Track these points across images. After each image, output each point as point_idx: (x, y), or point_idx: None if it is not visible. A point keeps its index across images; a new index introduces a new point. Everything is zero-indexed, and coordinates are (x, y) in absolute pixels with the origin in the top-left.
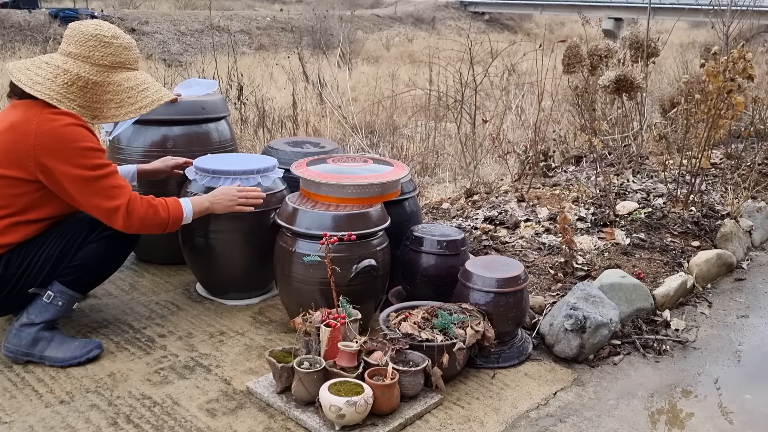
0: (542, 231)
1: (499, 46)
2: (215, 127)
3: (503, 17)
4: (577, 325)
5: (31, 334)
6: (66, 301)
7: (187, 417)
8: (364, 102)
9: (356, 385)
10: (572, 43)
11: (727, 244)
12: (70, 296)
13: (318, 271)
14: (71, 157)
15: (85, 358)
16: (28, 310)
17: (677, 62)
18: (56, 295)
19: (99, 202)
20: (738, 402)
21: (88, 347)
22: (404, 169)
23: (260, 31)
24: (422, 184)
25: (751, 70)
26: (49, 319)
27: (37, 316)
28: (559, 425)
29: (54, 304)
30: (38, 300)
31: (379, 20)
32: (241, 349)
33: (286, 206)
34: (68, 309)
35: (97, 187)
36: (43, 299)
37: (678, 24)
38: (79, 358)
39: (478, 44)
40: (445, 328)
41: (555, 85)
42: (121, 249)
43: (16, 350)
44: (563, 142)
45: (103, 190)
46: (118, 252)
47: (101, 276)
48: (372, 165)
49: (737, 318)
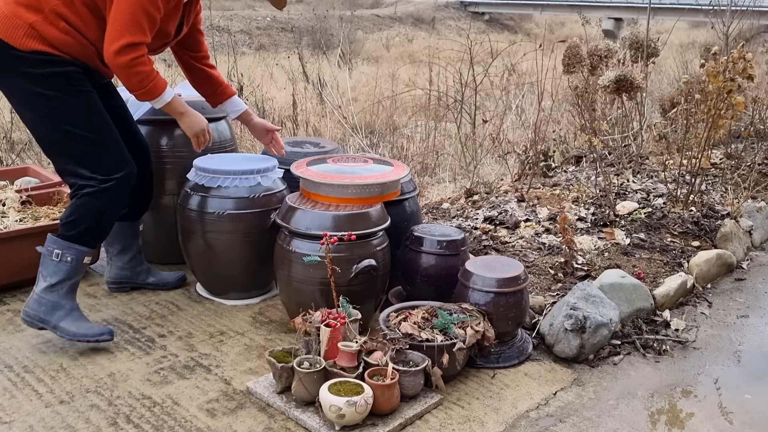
0: (542, 231)
1: (499, 46)
2: (215, 127)
3: (503, 17)
4: (577, 325)
5: (52, 300)
6: (75, 257)
7: (187, 417)
8: (364, 102)
9: (356, 385)
10: (572, 43)
11: (727, 244)
12: (77, 250)
13: (318, 271)
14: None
15: (94, 339)
16: (42, 273)
17: (677, 62)
18: (63, 251)
19: (125, 21)
20: (738, 402)
21: (100, 331)
22: (404, 169)
23: (260, 31)
24: (422, 184)
25: (751, 70)
26: (63, 277)
27: (53, 276)
28: (559, 425)
29: (64, 261)
30: (47, 260)
31: (379, 20)
32: (241, 349)
33: (286, 206)
34: (80, 265)
35: (135, 13)
36: (52, 258)
37: (678, 24)
38: (89, 338)
39: (478, 44)
40: (445, 328)
41: (555, 85)
42: (108, 203)
43: (34, 315)
44: (563, 142)
45: (135, 21)
46: (106, 206)
47: (100, 230)
48: (372, 165)
49: (737, 318)
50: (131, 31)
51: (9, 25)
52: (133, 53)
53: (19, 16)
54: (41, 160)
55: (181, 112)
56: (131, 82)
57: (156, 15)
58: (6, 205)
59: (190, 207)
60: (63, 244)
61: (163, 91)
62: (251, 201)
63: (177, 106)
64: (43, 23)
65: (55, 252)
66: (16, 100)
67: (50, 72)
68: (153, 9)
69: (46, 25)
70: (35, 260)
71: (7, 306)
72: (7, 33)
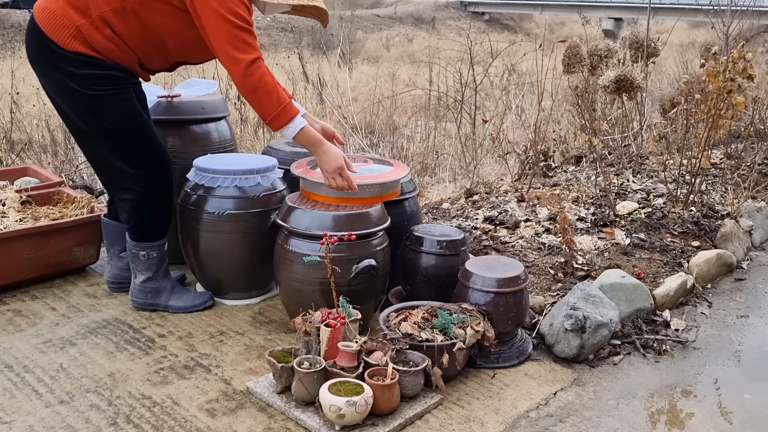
0: (542, 231)
1: (499, 46)
2: (215, 127)
3: (503, 17)
4: (577, 325)
5: (153, 287)
6: (158, 251)
7: (187, 417)
8: (364, 102)
9: (356, 385)
10: (572, 43)
11: (727, 244)
12: (157, 246)
13: (318, 271)
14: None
15: (202, 306)
16: (135, 268)
17: (677, 62)
18: (147, 251)
19: (227, 48)
20: (738, 402)
21: (203, 298)
22: (404, 169)
23: (260, 31)
24: (422, 184)
25: (751, 70)
26: (156, 268)
27: (146, 270)
28: (559, 425)
29: (151, 258)
30: (136, 259)
31: (379, 20)
32: (241, 349)
33: (286, 206)
34: (164, 253)
35: (230, 33)
36: (140, 258)
37: (678, 24)
38: (198, 307)
39: (478, 44)
40: (445, 328)
41: (555, 85)
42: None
43: (143, 302)
44: (563, 142)
45: (235, 39)
46: (155, 201)
47: (162, 221)
48: (372, 165)
49: (737, 318)
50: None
51: (57, 24)
52: (243, 65)
53: (68, 17)
54: (41, 160)
55: (320, 141)
56: (258, 105)
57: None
58: (6, 205)
59: (190, 207)
60: (142, 245)
61: (296, 114)
62: (251, 201)
63: (312, 134)
64: (89, 27)
65: (140, 253)
66: (55, 94)
67: (90, 74)
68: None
69: (92, 29)
70: (35, 260)
71: (7, 306)
72: (53, 31)
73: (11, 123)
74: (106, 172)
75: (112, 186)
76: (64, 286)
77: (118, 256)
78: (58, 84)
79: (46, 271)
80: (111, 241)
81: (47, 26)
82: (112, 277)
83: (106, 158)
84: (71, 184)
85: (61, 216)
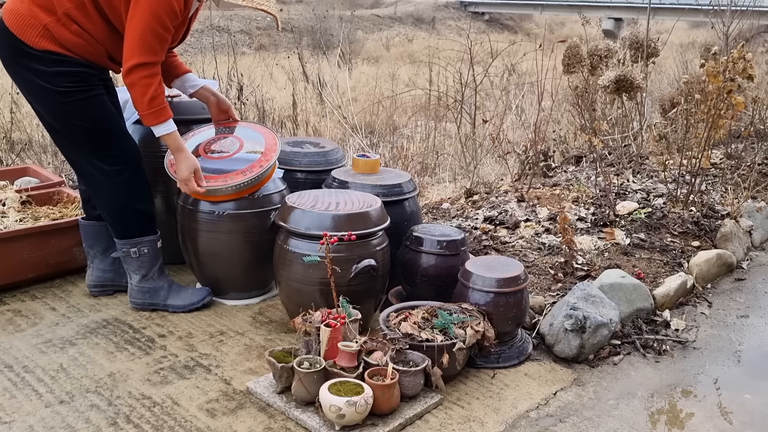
0: (542, 231)
1: (499, 46)
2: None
3: (503, 17)
4: (577, 325)
5: (150, 287)
6: (149, 248)
7: (187, 417)
8: (364, 102)
9: (356, 385)
10: (572, 43)
11: (727, 244)
12: (147, 241)
13: (318, 271)
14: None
15: (200, 303)
16: (129, 269)
17: (677, 62)
18: (138, 248)
19: (136, 43)
20: (738, 402)
21: (201, 294)
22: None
23: (260, 31)
24: (422, 184)
25: (751, 70)
26: (150, 266)
27: (140, 269)
28: (559, 425)
29: (143, 255)
30: (128, 258)
31: (379, 20)
32: (241, 349)
33: (285, 206)
34: (157, 249)
35: (145, 36)
36: (131, 256)
37: (678, 24)
38: (196, 304)
39: (478, 44)
40: (445, 328)
41: (555, 85)
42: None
43: (142, 303)
44: (563, 142)
45: (146, 43)
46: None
47: (145, 215)
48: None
49: (737, 318)
50: (141, 52)
51: (25, 24)
52: (143, 71)
53: (35, 16)
54: (41, 160)
55: (181, 148)
56: (140, 101)
57: (166, 36)
58: (6, 205)
59: (190, 207)
60: (131, 242)
61: (168, 118)
62: (251, 201)
63: (177, 140)
64: (56, 25)
65: (131, 251)
66: (28, 94)
67: (60, 71)
68: (163, 30)
69: (59, 27)
70: (35, 260)
71: (7, 306)
72: (22, 31)
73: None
74: (82, 169)
75: (89, 183)
76: (64, 286)
77: (101, 257)
78: (30, 83)
79: (46, 271)
80: (90, 242)
81: (15, 27)
82: (94, 280)
83: (80, 156)
84: (71, 184)
85: (61, 216)
